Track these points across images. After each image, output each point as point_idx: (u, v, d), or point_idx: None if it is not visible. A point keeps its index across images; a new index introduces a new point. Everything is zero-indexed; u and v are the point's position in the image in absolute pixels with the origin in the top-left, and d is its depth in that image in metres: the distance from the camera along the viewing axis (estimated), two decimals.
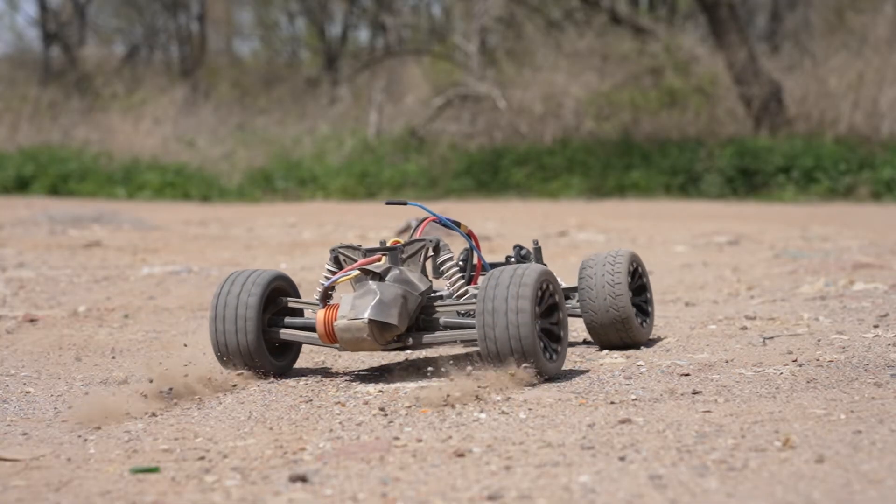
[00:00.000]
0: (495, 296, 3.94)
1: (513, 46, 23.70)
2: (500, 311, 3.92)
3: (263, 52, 32.52)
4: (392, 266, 4.21)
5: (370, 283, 4.11)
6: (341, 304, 4.08)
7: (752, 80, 20.35)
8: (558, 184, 19.60)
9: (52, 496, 2.96)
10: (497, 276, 4.00)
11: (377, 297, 4.03)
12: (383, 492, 2.90)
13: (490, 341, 3.95)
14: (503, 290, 3.95)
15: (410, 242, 4.29)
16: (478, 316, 3.97)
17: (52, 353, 5.13)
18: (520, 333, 3.91)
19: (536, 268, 4.05)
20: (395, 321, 4.04)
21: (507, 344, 3.93)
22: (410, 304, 4.13)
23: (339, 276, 4.18)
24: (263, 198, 20.08)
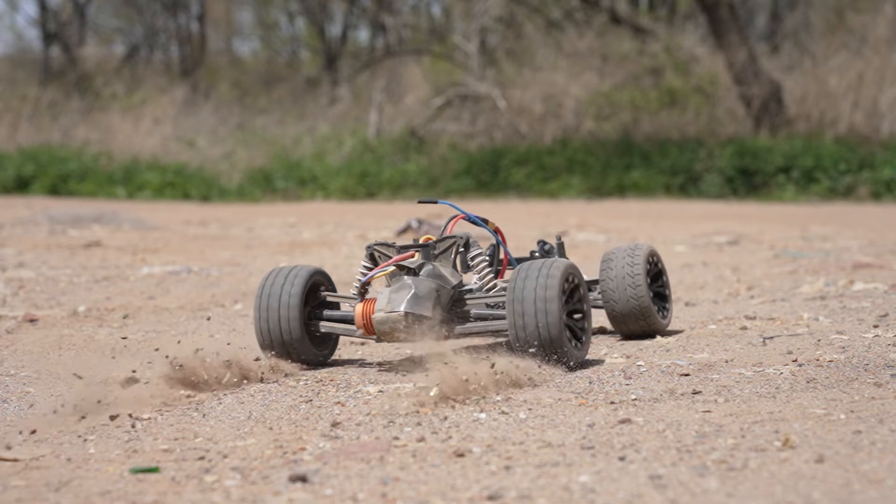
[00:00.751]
0: (524, 288, 4.16)
1: (513, 46, 23.71)
2: (528, 302, 4.14)
3: (263, 52, 32.54)
4: (426, 262, 4.42)
5: (405, 277, 4.34)
6: (378, 297, 4.30)
7: (752, 80, 20.36)
8: (558, 184, 19.61)
9: (52, 496, 2.96)
10: (526, 270, 4.23)
11: (412, 291, 4.26)
12: (383, 492, 2.90)
13: (520, 331, 4.16)
14: (532, 283, 4.17)
15: (442, 239, 4.51)
16: (508, 307, 4.19)
17: (52, 353, 5.13)
18: (548, 323, 4.13)
19: (563, 262, 4.28)
20: (429, 313, 4.27)
21: (536, 333, 4.15)
22: (443, 298, 4.37)
23: (376, 272, 4.41)
24: (263, 198, 20.08)
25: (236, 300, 6.89)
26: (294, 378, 4.44)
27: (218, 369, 4.16)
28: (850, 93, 20.33)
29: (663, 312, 5.11)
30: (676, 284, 7.52)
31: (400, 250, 4.48)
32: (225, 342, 4.68)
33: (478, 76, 22.73)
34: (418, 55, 26.46)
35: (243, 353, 4.38)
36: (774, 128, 20.20)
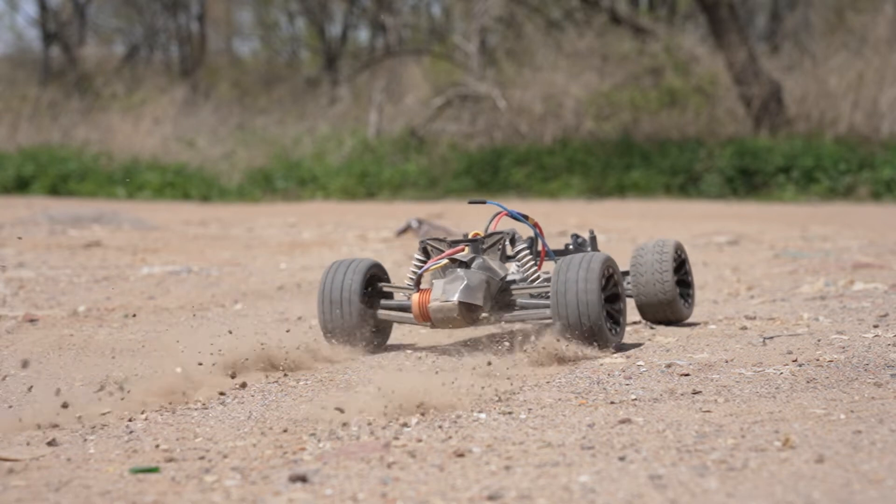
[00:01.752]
0: (567, 279, 4.57)
1: (513, 46, 23.70)
2: (571, 292, 4.54)
3: (263, 52, 32.52)
4: (476, 255, 4.81)
5: (458, 269, 4.71)
6: (433, 288, 4.66)
7: (752, 80, 20.35)
8: (558, 184, 19.60)
9: (52, 496, 2.96)
10: (568, 263, 4.63)
11: (465, 282, 4.63)
12: (383, 492, 2.90)
13: (563, 318, 4.56)
14: (574, 274, 4.57)
15: (489, 234, 4.91)
16: (552, 297, 4.58)
17: (52, 353, 5.12)
18: (588, 311, 4.53)
19: (602, 255, 4.70)
20: (480, 302, 4.65)
21: (578, 320, 4.55)
22: (492, 288, 4.75)
23: (431, 265, 4.76)
24: (263, 198, 20.07)
25: (236, 300, 6.89)
26: (294, 378, 4.44)
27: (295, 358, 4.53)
28: (850, 93, 20.32)
29: (687, 302, 5.49)
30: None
31: (451, 245, 4.84)
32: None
33: (478, 76, 22.73)
34: (418, 55, 26.45)
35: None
36: (774, 128, 20.20)
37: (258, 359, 4.48)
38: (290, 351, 4.56)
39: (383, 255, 9.77)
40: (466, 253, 4.80)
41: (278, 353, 4.54)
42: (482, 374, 4.30)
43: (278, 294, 7.16)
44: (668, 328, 5.47)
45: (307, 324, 5.68)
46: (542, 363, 4.47)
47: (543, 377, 4.35)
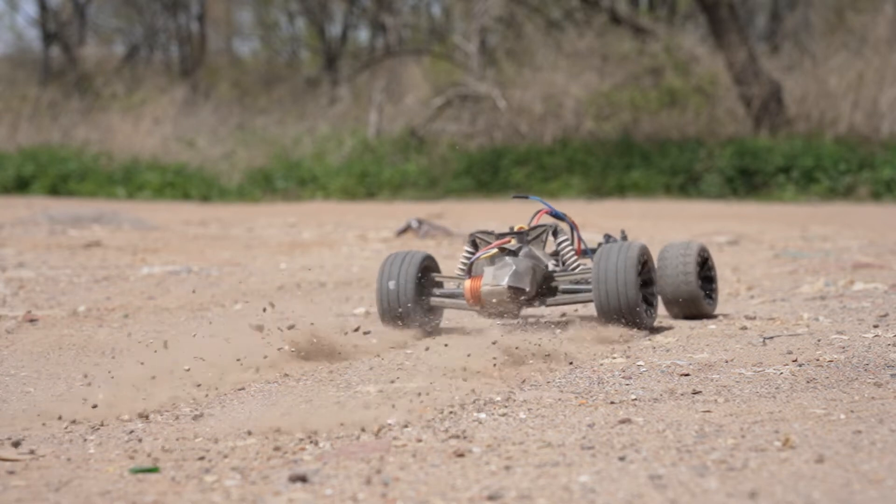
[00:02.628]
0: (608, 266, 5.01)
1: (513, 46, 23.70)
2: (611, 278, 4.98)
3: (263, 52, 32.53)
4: (523, 245, 5.25)
5: (506, 257, 5.14)
6: (484, 275, 5.09)
7: (752, 80, 20.35)
8: (558, 184, 19.61)
9: (52, 496, 2.96)
10: (607, 252, 5.08)
11: (513, 268, 5.07)
12: (383, 492, 2.90)
13: (603, 301, 5.01)
14: (613, 260, 5.02)
15: (534, 227, 5.35)
16: (594, 282, 5.04)
17: (52, 353, 5.12)
18: (627, 294, 4.97)
19: (638, 244, 5.16)
20: (527, 287, 5.07)
21: (617, 302, 4.99)
22: (538, 275, 5.18)
23: (481, 254, 5.21)
24: (263, 198, 20.08)
25: (236, 300, 6.89)
26: (294, 378, 4.44)
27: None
28: (850, 93, 20.32)
29: (710, 299, 5.79)
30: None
31: (499, 237, 5.27)
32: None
33: (478, 76, 22.73)
34: (418, 55, 26.45)
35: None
36: (774, 128, 20.20)
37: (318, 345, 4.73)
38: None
39: (383, 255, 9.77)
40: (513, 243, 5.23)
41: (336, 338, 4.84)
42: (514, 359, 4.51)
43: (278, 294, 7.16)
44: (669, 328, 5.48)
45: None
46: (586, 342, 4.86)
47: (544, 377, 4.35)
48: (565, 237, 5.43)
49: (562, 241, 5.42)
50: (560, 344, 4.77)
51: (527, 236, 5.31)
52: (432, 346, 4.80)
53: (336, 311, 6.19)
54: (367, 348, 4.95)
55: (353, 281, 7.77)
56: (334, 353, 4.78)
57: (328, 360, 4.75)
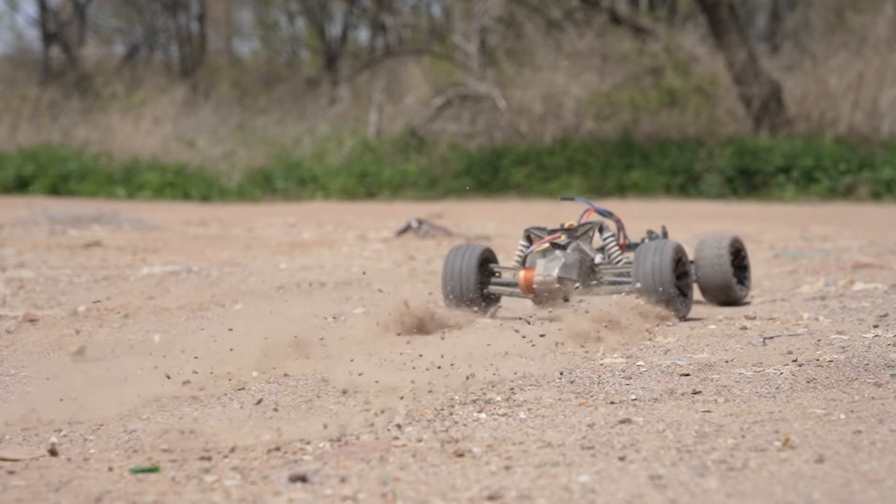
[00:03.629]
0: (646, 258, 5.58)
1: (513, 46, 23.70)
2: (649, 273, 5.54)
3: (263, 52, 32.52)
4: (571, 240, 5.82)
5: (556, 251, 5.74)
6: (537, 266, 5.70)
7: (752, 80, 20.35)
8: (558, 184, 19.60)
9: (52, 496, 2.96)
10: (646, 248, 5.65)
11: (562, 261, 5.68)
12: (383, 492, 2.90)
13: (643, 291, 5.53)
14: (651, 257, 5.58)
15: (582, 224, 5.94)
16: (633, 272, 5.60)
17: (52, 353, 5.12)
18: (662, 282, 5.53)
19: (673, 242, 5.73)
20: (575, 277, 5.68)
21: (654, 289, 5.53)
22: (584, 267, 5.76)
23: (534, 248, 5.79)
24: (263, 198, 20.07)
25: (236, 300, 6.88)
26: (294, 378, 4.44)
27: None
28: (850, 93, 20.32)
29: (743, 285, 6.32)
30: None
31: (550, 233, 5.86)
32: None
33: (478, 76, 22.72)
34: (418, 55, 26.45)
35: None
36: (774, 128, 20.19)
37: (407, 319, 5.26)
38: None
39: (383, 255, 9.78)
40: (563, 239, 5.81)
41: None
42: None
43: (278, 294, 7.16)
44: (669, 328, 5.48)
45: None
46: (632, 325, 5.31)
47: (544, 377, 4.35)
48: (610, 233, 5.99)
49: (607, 236, 5.99)
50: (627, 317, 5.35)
51: (575, 232, 5.90)
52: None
53: (336, 310, 6.19)
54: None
55: (353, 281, 7.77)
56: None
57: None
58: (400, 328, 5.25)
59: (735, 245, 6.30)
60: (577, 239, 5.88)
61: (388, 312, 5.31)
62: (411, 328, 5.26)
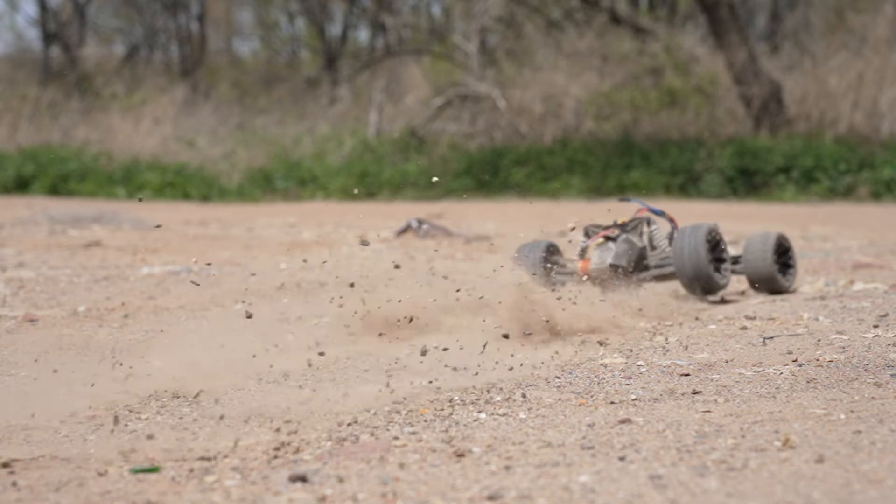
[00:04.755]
0: (682, 244, 6.43)
1: (513, 46, 23.70)
2: (685, 252, 6.40)
3: (263, 52, 32.51)
4: (622, 233, 6.69)
5: (609, 243, 6.64)
6: (593, 255, 6.61)
7: (752, 80, 20.35)
8: (558, 184, 19.60)
9: (52, 496, 2.96)
10: (682, 232, 6.50)
11: (614, 251, 6.58)
12: (383, 492, 2.90)
13: (682, 271, 6.42)
14: (686, 239, 6.43)
15: (632, 220, 6.78)
16: (673, 257, 6.48)
17: (52, 352, 5.12)
18: (699, 264, 6.35)
19: (707, 225, 6.52)
20: (625, 264, 6.54)
21: (693, 271, 6.37)
22: (633, 255, 6.61)
23: (591, 242, 6.68)
24: (263, 198, 20.07)
25: (236, 300, 6.88)
26: (294, 378, 4.44)
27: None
28: (850, 93, 20.32)
29: (787, 278, 6.89)
30: (676, 284, 7.52)
31: (605, 228, 6.73)
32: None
33: (478, 76, 22.72)
34: (418, 55, 26.45)
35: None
36: (774, 128, 20.19)
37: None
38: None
39: (383, 255, 9.78)
40: (616, 233, 6.68)
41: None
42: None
43: (278, 294, 7.16)
44: (669, 328, 5.48)
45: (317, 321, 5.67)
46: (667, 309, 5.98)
47: (544, 377, 4.35)
48: (656, 226, 6.89)
49: (653, 228, 6.88)
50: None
51: (626, 227, 6.77)
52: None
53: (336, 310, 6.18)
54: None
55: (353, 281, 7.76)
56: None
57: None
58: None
59: (780, 242, 6.90)
60: (627, 232, 6.74)
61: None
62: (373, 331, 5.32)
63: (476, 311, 5.74)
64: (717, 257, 6.56)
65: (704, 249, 6.38)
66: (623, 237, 6.70)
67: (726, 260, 6.61)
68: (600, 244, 6.69)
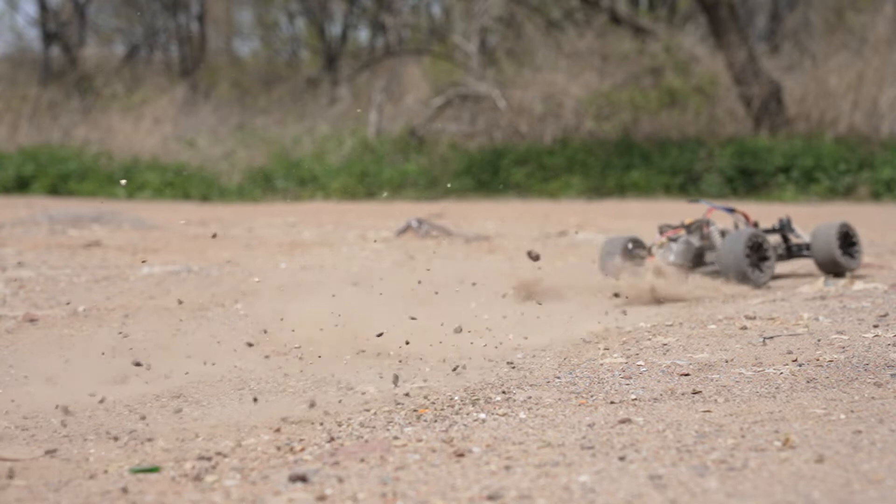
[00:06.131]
0: (726, 246, 7.34)
1: (513, 46, 23.70)
2: (727, 252, 7.30)
3: (263, 52, 32.52)
4: (683, 235, 7.62)
5: (671, 243, 7.57)
6: (656, 254, 7.52)
7: (752, 80, 20.35)
8: (558, 184, 19.61)
9: (52, 496, 2.96)
10: (731, 236, 7.37)
11: (674, 250, 7.51)
12: (383, 492, 2.90)
13: (724, 267, 7.32)
14: (729, 242, 7.33)
15: (694, 221, 7.68)
16: (717, 257, 7.40)
17: (52, 353, 5.12)
18: (737, 262, 7.25)
19: (747, 231, 7.38)
20: (683, 262, 7.47)
21: (731, 268, 7.27)
22: (689, 255, 7.54)
23: (655, 242, 7.59)
24: (263, 198, 20.08)
25: (236, 300, 6.88)
26: (294, 378, 4.44)
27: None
28: (850, 93, 20.33)
29: (850, 260, 7.68)
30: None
31: (672, 229, 7.65)
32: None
33: (478, 76, 22.72)
34: (418, 55, 26.45)
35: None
36: (774, 128, 20.20)
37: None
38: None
39: (383, 255, 9.77)
40: (680, 234, 7.60)
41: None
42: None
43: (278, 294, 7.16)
44: (669, 328, 5.48)
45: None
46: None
47: (544, 377, 4.35)
48: (714, 226, 7.69)
49: (712, 229, 7.69)
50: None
51: (690, 228, 7.66)
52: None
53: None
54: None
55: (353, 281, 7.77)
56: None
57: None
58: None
59: (843, 229, 7.73)
60: (689, 233, 7.66)
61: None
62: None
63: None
64: (761, 256, 7.38)
65: (743, 253, 7.25)
66: (683, 238, 7.62)
67: (769, 258, 7.40)
68: (663, 244, 7.63)
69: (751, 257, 7.32)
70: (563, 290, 6.91)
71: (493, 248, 10.18)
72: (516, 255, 9.37)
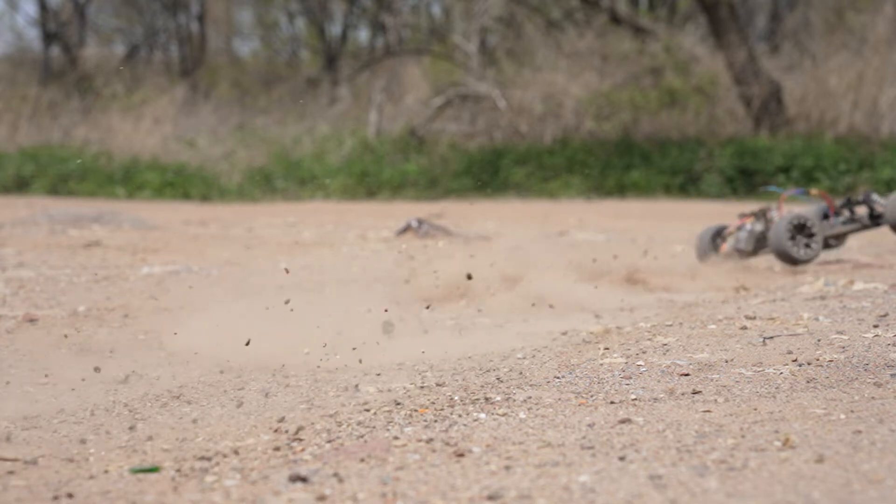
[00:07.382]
0: (773, 230, 8.24)
1: (513, 46, 23.70)
2: (773, 236, 8.21)
3: (263, 52, 32.50)
4: (749, 222, 8.58)
5: (738, 232, 8.54)
6: (727, 241, 8.56)
7: (752, 80, 20.35)
8: (558, 184, 19.61)
9: (52, 496, 2.96)
10: (777, 221, 8.29)
11: (738, 237, 8.52)
12: (383, 492, 2.90)
13: (773, 248, 8.23)
14: (775, 227, 8.23)
15: (761, 209, 8.63)
16: (768, 240, 8.32)
17: (52, 352, 5.12)
18: (779, 243, 8.17)
19: (792, 213, 8.33)
20: (749, 248, 8.51)
21: (776, 248, 8.18)
22: (751, 240, 8.50)
23: (727, 231, 8.69)
24: (263, 197, 20.08)
25: (237, 300, 6.87)
26: (294, 378, 4.44)
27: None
28: (850, 93, 20.33)
29: None
30: (677, 287, 7.52)
31: (743, 217, 8.65)
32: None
33: (478, 76, 22.72)
34: (418, 55, 26.45)
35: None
36: (774, 128, 20.20)
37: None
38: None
39: (383, 254, 9.77)
40: (750, 221, 8.55)
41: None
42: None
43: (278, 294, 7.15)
44: (669, 328, 5.48)
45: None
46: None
47: (544, 377, 4.35)
48: (774, 212, 8.54)
49: (772, 216, 8.56)
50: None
51: (757, 215, 8.58)
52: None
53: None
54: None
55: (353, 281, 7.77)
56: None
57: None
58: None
59: None
60: (755, 221, 8.55)
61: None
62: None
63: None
64: (807, 235, 8.22)
65: (785, 235, 8.13)
66: (748, 226, 8.59)
67: (815, 234, 8.19)
68: (733, 233, 8.64)
69: (795, 238, 8.16)
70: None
71: (492, 247, 10.18)
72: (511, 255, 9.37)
